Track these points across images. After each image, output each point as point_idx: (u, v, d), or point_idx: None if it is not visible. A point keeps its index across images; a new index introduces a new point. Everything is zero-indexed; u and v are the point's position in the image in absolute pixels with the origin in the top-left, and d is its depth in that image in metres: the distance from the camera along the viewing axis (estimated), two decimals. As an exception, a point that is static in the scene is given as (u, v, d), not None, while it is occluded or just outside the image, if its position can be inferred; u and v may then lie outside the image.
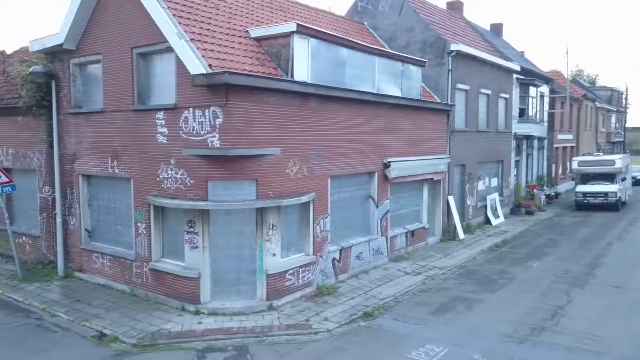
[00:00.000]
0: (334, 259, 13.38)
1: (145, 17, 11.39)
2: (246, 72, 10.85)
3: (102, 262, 13.36)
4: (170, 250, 12.03)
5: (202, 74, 10.13)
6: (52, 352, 9.41)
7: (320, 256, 12.88)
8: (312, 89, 12.11)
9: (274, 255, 11.54)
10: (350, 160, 13.85)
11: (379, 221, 15.18)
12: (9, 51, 19.03)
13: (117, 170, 12.67)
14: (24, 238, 16.06)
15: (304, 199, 11.94)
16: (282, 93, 11.40)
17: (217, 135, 10.55)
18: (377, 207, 15.10)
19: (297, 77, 12.01)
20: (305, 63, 12.39)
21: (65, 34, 13.07)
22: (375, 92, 14.79)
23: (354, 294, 12.65)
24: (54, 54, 13.94)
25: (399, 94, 16.05)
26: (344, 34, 16.04)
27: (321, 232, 12.88)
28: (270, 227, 11.41)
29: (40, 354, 9.32)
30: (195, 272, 11.17)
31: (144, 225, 12.14)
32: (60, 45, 13.23)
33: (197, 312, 11.09)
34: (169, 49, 11.17)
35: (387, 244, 15.60)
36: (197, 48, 10.59)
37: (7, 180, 14.42)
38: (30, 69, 13.61)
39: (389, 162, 15.24)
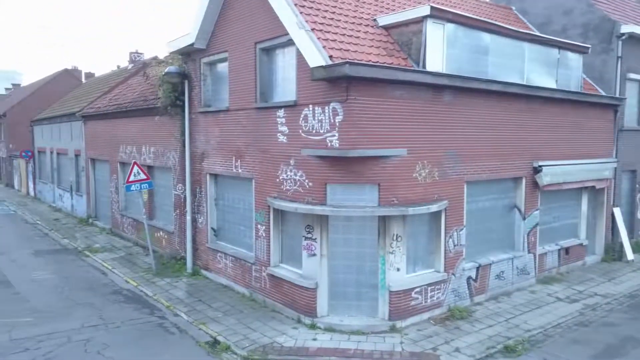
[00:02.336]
0: (469, 277, 11.62)
1: (269, 9, 10.84)
2: (369, 63, 9.69)
3: (225, 263, 13.23)
4: (289, 255, 11.37)
5: (322, 66, 9.20)
6: (165, 356, 9.21)
7: (453, 274, 11.23)
8: (446, 80, 10.53)
9: (398, 269, 10.23)
10: (492, 163, 11.95)
11: (525, 235, 12.98)
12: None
13: (240, 170, 12.38)
14: (161, 233, 16.81)
15: (434, 207, 10.43)
16: (411, 86, 10.03)
17: (337, 135, 9.55)
18: (524, 219, 12.91)
19: (429, 68, 10.54)
20: (440, 51, 10.85)
21: (195, 34, 13.17)
22: (524, 83, 12.64)
23: (493, 320, 10.79)
24: (187, 54, 14.20)
25: (553, 86, 13.62)
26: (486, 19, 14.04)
27: (454, 246, 11.23)
28: (394, 237, 10.12)
29: (154, 358, 9.17)
30: (313, 282, 10.32)
31: (264, 227, 11.65)
32: (192, 44, 13.37)
33: (312, 326, 10.23)
34: (290, 42, 10.46)
35: (534, 262, 13.31)
36: (318, 38, 9.69)
37: (144, 177, 15.10)
38: (166, 70, 14.02)
39: (540, 166, 12.95)
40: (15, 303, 12.03)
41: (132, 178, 14.85)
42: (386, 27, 11.41)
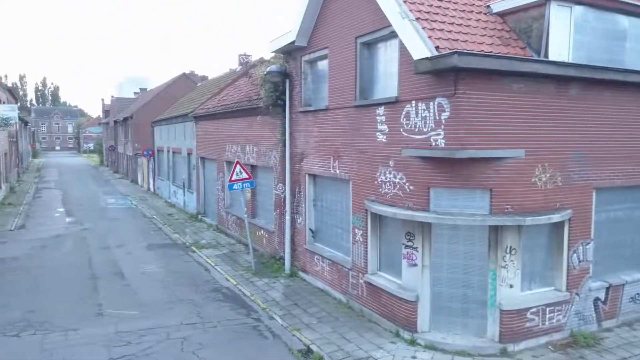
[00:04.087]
0: (596, 298, 10.03)
1: (370, 1, 10.20)
2: (481, 53, 8.64)
3: (322, 266, 12.84)
4: (387, 263, 10.64)
5: (427, 58, 8.35)
6: (257, 362, 8.98)
7: (577, 294, 9.75)
8: (573, 71, 9.11)
9: (511, 286, 9.05)
10: (627, 167, 10.21)
11: (669, 252, 10.99)
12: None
13: (337, 171, 11.89)
14: (262, 232, 16.92)
15: (555, 217, 9.09)
16: (531, 78, 8.80)
17: (442, 133, 8.64)
18: (668, 232, 10.93)
19: (552, 57, 9.20)
20: (566, 38, 9.44)
21: (296, 31, 12.91)
22: (671, 73, 10.67)
23: (627, 352, 9.17)
24: (288, 52, 14.02)
25: None
26: None
27: (579, 262, 9.74)
28: (508, 250, 8.96)
29: (246, 363, 8.98)
30: (413, 295, 9.50)
31: (361, 232, 11.03)
32: (293, 42, 13.14)
33: (412, 342, 9.41)
34: (393, 34, 9.73)
35: (681, 284, 11.22)
36: (423, 28, 8.85)
37: (246, 176, 15.24)
38: (267, 69, 13.97)
39: (690, 170, 10.88)
40: (125, 295, 12.63)
41: (234, 177, 15.07)
42: (501, 14, 10.21)
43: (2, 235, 20.16)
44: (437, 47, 8.51)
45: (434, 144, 8.78)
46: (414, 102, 9.18)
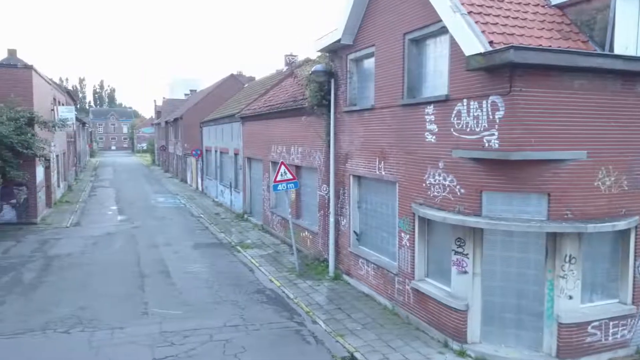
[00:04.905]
0: (667, 313, 9.22)
1: (419, -4, 9.80)
2: (539, 47, 8.07)
3: (366, 270, 12.50)
4: (435, 270, 10.18)
5: (480, 54, 7.87)
6: (298, 368, 8.76)
7: (645, 307, 8.99)
8: (643, 66, 8.38)
9: (570, 297, 8.43)
10: None
11: None
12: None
13: (383, 173, 11.52)
14: (306, 233, 16.75)
15: (621, 224, 8.39)
16: (594, 74, 8.14)
17: (496, 133, 8.13)
18: None
19: (618, 51, 8.50)
20: (633, 30, 8.71)
21: (342, 29, 12.64)
22: None
23: (703, 373, 8.37)
24: (334, 51, 13.77)
25: None
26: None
27: (648, 273, 8.97)
28: (567, 259, 8.34)
29: (288, 368, 8.78)
30: (463, 303, 9.03)
31: (408, 236, 10.62)
32: (338, 41, 12.87)
33: (461, 353, 8.94)
34: (443, 30, 9.28)
35: None
36: (476, 22, 8.36)
37: (291, 177, 15.10)
38: (312, 69, 13.77)
39: None
40: (170, 294, 12.74)
41: (279, 178, 14.97)
42: (560, 6, 9.54)
43: (58, 232, 20.95)
44: (491, 42, 8.02)
45: (487, 144, 8.28)
46: (465, 100, 8.71)
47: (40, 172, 24.15)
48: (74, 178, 43.39)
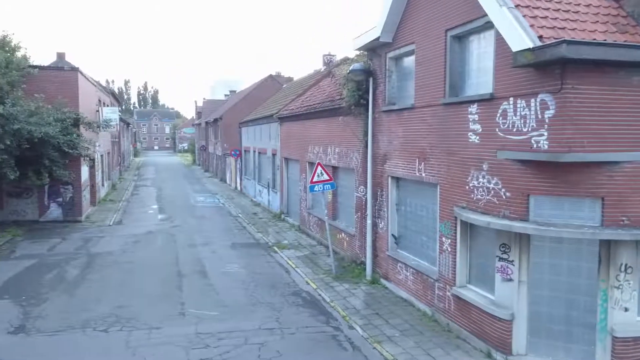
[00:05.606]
0: None
1: (462, -10, 9.38)
2: (594, 41, 7.54)
3: (405, 274, 12.13)
4: (478, 276, 9.74)
5: (528, 49, 7.41)
6: (334, 377, 8.51)
7: None
8: None
9: (625, 310, 7.85)
10: None
11: None
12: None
13: (423, 174, 11.13)
14: (342, 235, 16.49)
15: (685, 231, 7.73)
16: (656, 69, 7.55)
17: (546, 134, 7.64)
18: None
19: (683, 44, 7.85)
20: (700, 21, 8.04)
21: (381, 27, 12.31)
22: None
23: None
24: (372, 49, 13.46)
25: None
26: None
27: None
28: (622, 268, 7.77)
29: (323, 375, 8.55)
30: (507, 313, 8.57)
31: (449, 241, 10.21)
32: (377, 39, 12.55)
33: (505, 365, 8.49)
34: (488, 25, 8.84)
35: None
36: (524, 16, 7.90)
37: (327, 178, 14.87)
38: (350, 67, 13.51)
39: None
40: (206, 294, 12.74)
41: (315, 178, 14.78)
42: (617, -3, 8.93)
43: (101, 230, 21.47)
44: (540, 37, 7.55)
45: (535, 145, 7.80)
46: (511, 99, 8.24)
47: (85, 171, 24.85)
48: (118, 177, 44.63)
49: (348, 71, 13.58)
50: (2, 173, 18.54)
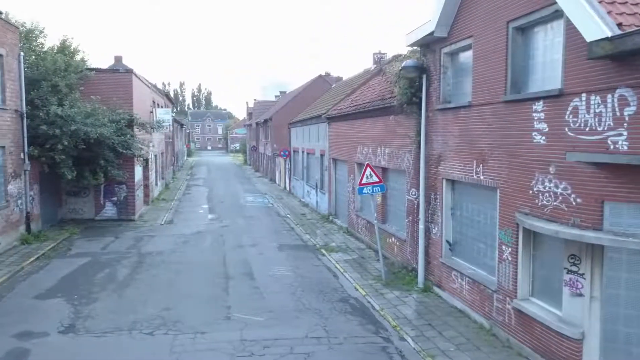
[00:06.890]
0: None
1: (526, -23, 8.60)
2: (687, 27, 6.64)
3: (460, 283, 11.40)
4: (542, 289, 8.92)
5: (606, 39, 6.60)
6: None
7: None
8: None
9: None
10: None
11: None
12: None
13: (482, 177, 10.38)
14: (392, 239, 15.87)
15: None
16: None
17: (625, 133, 6.80)
18: None
19: None
20: None
21: (436, 21, 11.63)
22: None
23: None
24: (426, 45, 12.79)
25: None
26: None
27: None
28: None
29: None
30: (577, 331, 7.75)
31: (510, 249, 9.43)
32: (431, 33, 11.87)
33: (574, 389, 7.68)
34: (556, 14, 8.04)
35: None
36: (600, 2, 7.08)
37: (377, 180, 14.31)
38: (402, 64, 12.88)
39: None
40: (252, 298, 12.48)
41: (364, 180, 14.25)
42: None
43: (153, 230, 21.79)
44: (619, 25, 6.72)
45: (612, 146, 6.97)
46: (584, 94, 7.43)
47: (138, 171, 25.38)
48: (171, 176, 45.67)
49: (400, 68, 12.94)
50: (60, 173, 19.15)
